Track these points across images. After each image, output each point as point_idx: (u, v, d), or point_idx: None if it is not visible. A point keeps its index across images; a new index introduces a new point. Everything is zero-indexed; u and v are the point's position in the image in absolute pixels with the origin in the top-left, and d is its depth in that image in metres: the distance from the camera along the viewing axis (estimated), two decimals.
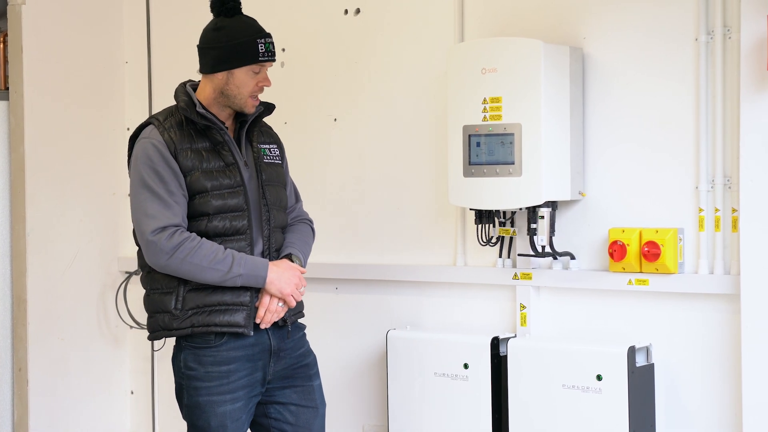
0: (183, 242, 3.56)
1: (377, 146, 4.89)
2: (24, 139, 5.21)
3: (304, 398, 3.81)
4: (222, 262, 3.58)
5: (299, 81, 5.08)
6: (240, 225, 3.67)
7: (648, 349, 4.23)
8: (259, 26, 3.70)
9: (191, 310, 3.62)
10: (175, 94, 3.72)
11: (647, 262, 4.17)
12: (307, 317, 5.02)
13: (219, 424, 3.65)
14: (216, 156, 3.67)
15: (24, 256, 5.24)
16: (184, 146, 3.63)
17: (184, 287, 3.63)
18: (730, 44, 4.08)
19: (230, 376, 3.65)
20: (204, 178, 3.62)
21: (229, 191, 3.66)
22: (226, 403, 3.65)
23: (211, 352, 3.64)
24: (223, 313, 3.62)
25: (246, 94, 3.67)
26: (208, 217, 3.63)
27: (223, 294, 3.63)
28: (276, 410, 3.79)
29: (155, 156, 3.60)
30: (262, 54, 3.64)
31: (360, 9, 4.92)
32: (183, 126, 3.66)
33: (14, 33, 5.22)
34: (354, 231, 4.96)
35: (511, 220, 4.50)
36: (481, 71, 4.27)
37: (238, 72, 3.64)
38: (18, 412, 5.29)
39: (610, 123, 4.33)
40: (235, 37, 3.63)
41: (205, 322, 3.62)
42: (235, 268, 3.59)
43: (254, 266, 3.63)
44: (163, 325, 3.65)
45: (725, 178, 4.12)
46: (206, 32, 3.70)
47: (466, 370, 4.44)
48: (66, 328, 5.39)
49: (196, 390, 3.66)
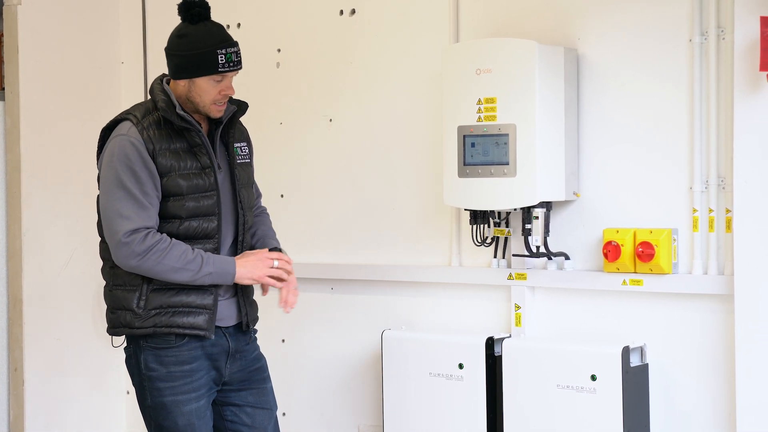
0: (155, 245, 3.55)
1: (372, 146, 4.89)
2: (20, 139, 5.21)
3: (259, 400, 3.81)
4: (192, 262, 3.57)
5: (294, 81, 5.08)
6: (210, 228, 3.65)
7: (642, 350, 4.24)
8: (223, 35, 3.63)
9: (154, 310, 3.61)
10: (152, 91, 3.68)
11: (641, 263, 4.18)
12: (302, 317, 5.06)
13: (186, 422, 3.65)
14: (192, 157, 3.64)
15: (20, 256, 5.24)
16: (163, 146, 3.60)
17: (147, 286, 3.61)
18: (723, 45, 4.09)
19: (193, 375, 3.64)
20: (181, 180, 3.61)
21: (202, 194, 3.64)
22: (191, 402, 3.65)
23: (172, 353, 3.63)
24: (186, 315, 3.61)
25: (208, 102, 3.63)
26: (181, 219, 3.62)
27: (187, 295, 3.62)
28: (232, 412, 3.79)
29: (133, 155, 3.57)
30: (222, 65, 3.58)
31: (355, 10, 4.92)
32: (161, 125, 3.62)
33: (10, 33, 5.22)
34: (349, 231, 4.97)
35: (506, 220, 4.51)
36: (476, 72, 4.27)
37: (199, 81, 3.60)
38: (14, 411, 5.29)
39: (605, 124, 4.33)
40: (195, 47, 3.58)
41: (168, 323, 3.60)
42: (205, 267, 3.58)
43: (222, 264, 3.62)
44: (125, 322, 3.63)
45: (719, 179, 4.12)
46: (171, 38, 3.66)
47: (461, 370, 4.44)
48: (62, 328, 5.39)
49: (159, 390, 3.64)
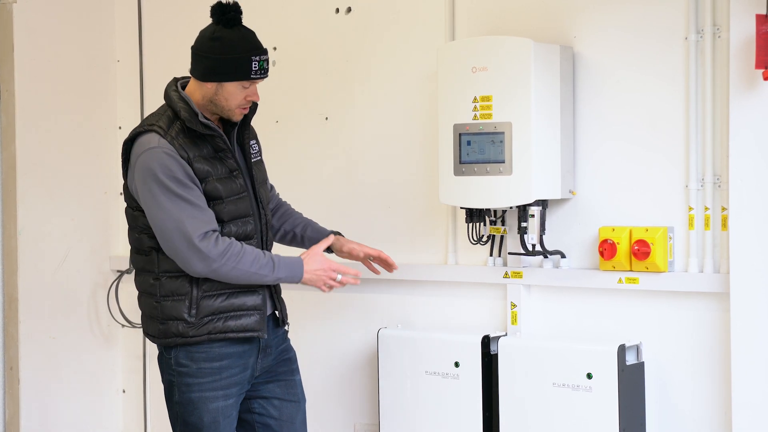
0: (228, 247, 3.56)
1: (368, 145, 4.89)
2: (15, 137, 5.20)
3: (287, 392, 3.83)
4: (265, 266, 3.61)
5: (290, 79, 5.08)
6: (249, 230, 3.70)
7: (638, 348, 4.24)
8: (257, 42, 3.63)
9: (207, 317, 3.62)
10: (169, 99, 3.65)
11: (637, 261, 4.18)
12: (299, 316, 5.05)
13: (212, 420, 3.65)
14: (220, 162, 3.66)
15: (15, 254, 5.23)
16: (195, 153, 3.60)
17: (197, 293, 3.61)
18: (719, 43, 4.09)
19: (222, 373, 3.66)
20: (218, 184, 3.63)
21: (237, 197, 3.67)
22: (218, 399, 3.66)
23: (203, 349, 3.64)
24: (238, 318, 3.64)
25: (234, 106, 3.64)
26: (223, 223, 3.63)
27: (237, 298, 3.64)
28: (260, 405, 3.81)
29: (174, 165, 3.54)
30: (255, 72, 3.60)
31: (351, 8, 4.92)
32: (186, 133, 3.62)
33: (5, 32, 5.21)
34: (345, 229, 4.94)
35: (502, 218, 4.50)
36: (472, 70, 4.27)
37: (228, 85, 3.60)
38: (9, 411, 5.28)
39: (601, 122, 4.33)
40: (230, 52, 3.57)
41: (222, 328, 3.62)
42: (277, 271, 3.63)
43: (292, 268, 3.67)
44: (177, 332, 3.62)
45: (715, 177, 4.12)
46: (203, 38, 3.63)
47: (457, 368, 4.44)
48: (58, 327, 5.38)
49: (188, 386, 3.66)
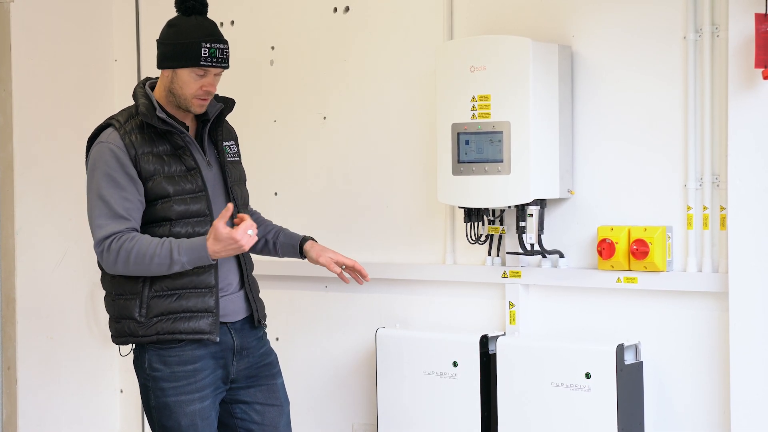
0: (121, 245, 3.53)
1: (366, 144, 4.89)
2: (13, 137, 5.19)
3: (269, 397, 3.80)
4: (160, 254, 3.52)
5: (288, 79, 5.07)
6: (203, 231, 3.63)
7: (637, 347, 4.23)
8: (212, 30, 3.64)
9: (156, 318, 3.60)
10: (134, 95, 3.68)
11: (636, 260, 4.18)
12: (297, 316, 5.05)
13: (189, 423, 3.63)
14: (177, 160, 3.63)
15: (13, 254, 5.22)
16: (145, 150, 3.58)
17: (147, 293, 3.60)
18: (718, 42, 4.09)
19: (196, 375, 3.64)
20: (166, 183, 3.59)
21: (191, 196, 3.63)
22: (194, 402, 3.64)
23: (175, 352, 3.62)
24: (188, 320, 3.60)
25: (189, 95, 3.62)
26: (171, 222, 3.60)
27: (188, 300, 3.61)
28: (241, 410, 3.78)
29: (111, 161, 3.56)
30: (204, 59, 3.59)
31: (349, 7, 4.91)
32: (144, 129, 3.61)
33: (2, 31, 5.20)
34: (343, 229, 4.96)
35: (500, 218, 4.50)
36: (470, 69, 4.26)
37: (181, 72, 3.61)
38: (7, 410, 5.28)
39: (599, 121, 4.33)
40: (180, 37, 3.61)
41: (170, 329, 3.60)
42: (175, 255, 3.52)
43: (193, 247, 3.54)
44: (129, 331, 3.63)
45: (713, 176, 4.12)
46: (163, 27, 3.69)
47: (455, 368, 4.44)
48: (55, 327, 5.38)
49: (162, 391, 3.64)
